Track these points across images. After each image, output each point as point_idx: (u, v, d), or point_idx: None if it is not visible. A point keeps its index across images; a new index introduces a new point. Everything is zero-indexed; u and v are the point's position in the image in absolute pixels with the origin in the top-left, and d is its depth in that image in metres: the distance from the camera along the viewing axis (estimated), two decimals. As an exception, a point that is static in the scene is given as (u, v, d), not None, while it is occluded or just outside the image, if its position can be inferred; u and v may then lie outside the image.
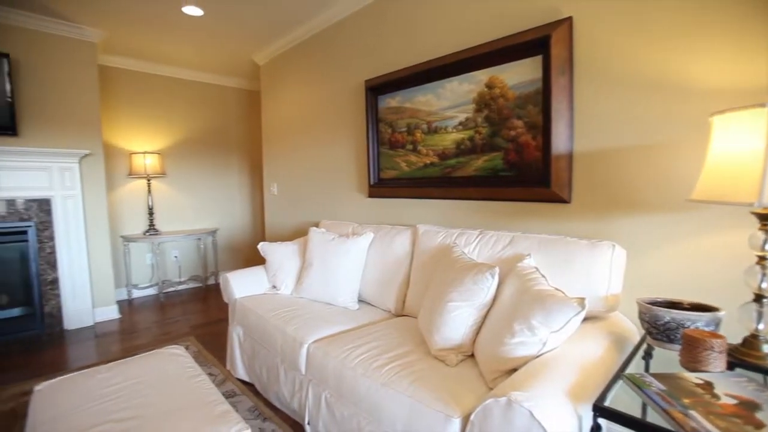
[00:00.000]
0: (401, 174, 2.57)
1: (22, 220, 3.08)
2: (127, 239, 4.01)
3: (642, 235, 1.56)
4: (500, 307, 1.43)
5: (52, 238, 3.21)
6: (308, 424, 1.77)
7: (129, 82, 4.12)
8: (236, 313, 2.37)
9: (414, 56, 2.41)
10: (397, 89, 2.52)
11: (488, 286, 1.48)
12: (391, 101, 2.58)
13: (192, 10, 2.99)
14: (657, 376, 1.02)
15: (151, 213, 4.16)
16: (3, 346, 2.94)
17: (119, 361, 1.68)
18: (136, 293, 4.24)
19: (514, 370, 1.23)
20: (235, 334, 2.37)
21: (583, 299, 1.18)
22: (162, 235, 4.12)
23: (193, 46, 3.74)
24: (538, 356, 1.21)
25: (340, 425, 1.57)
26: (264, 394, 2.16)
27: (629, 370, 1.12)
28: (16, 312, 3.22)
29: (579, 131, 1.73)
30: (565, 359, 1.17)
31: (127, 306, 3.93)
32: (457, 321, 1.49)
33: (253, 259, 5.06)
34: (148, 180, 4.15)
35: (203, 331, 3.22)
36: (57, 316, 3.26)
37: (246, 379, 2.33)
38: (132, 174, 4.03)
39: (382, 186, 2.70)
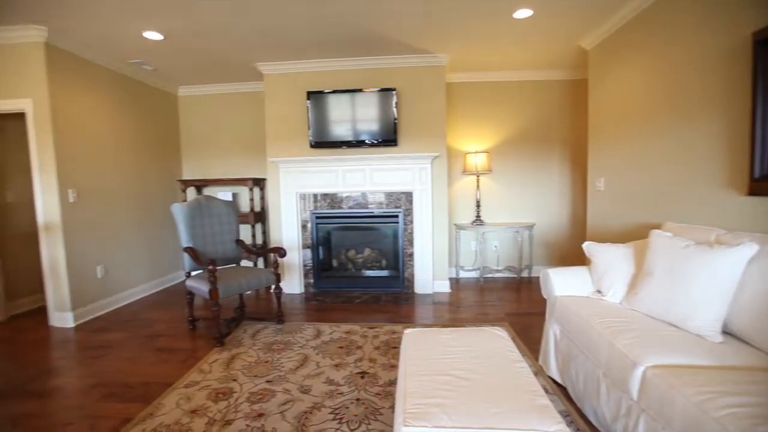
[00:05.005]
0: (819, 160, 1.71)
1: (396, 207, 4.26)
2: (459, 227, 4.75)
3: None
4: None
5: (411, 222, 4.25)
6: (636, 459, 1.51)
7: (463, 92, 4.81)
8: (555, 310, 2.32)
9: None
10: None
11: None
12: (805, 53, 1.75)
13: (522, 13, 3.11)
14: None
15: (478, 205, 4.74)
16: (381, 296, 4.19)
17: (455, 328, 2.02)
18: (462, 274, 4.96)
19: None
20: (552, 332, 2.33)
21: None
22: (485, 226, 4.62)
23: (519, 47, 3.90)
24: None
25: (687, 482, 1.24)
26: (577, 402, 2.02)
27: None
28: (386, 273, 4.51)
29: None
30: None
31: (454, 283, 4.68)
32: None
33: (568, 257, 4.82)
34: (477, 176, 4.73)
35: (515, 320, 3.38)
36: (410, 281, 4.32)
37: (557, 379, 2.26)
38: (465, 171, 4.71)
39: (775, 179, 1.89)
